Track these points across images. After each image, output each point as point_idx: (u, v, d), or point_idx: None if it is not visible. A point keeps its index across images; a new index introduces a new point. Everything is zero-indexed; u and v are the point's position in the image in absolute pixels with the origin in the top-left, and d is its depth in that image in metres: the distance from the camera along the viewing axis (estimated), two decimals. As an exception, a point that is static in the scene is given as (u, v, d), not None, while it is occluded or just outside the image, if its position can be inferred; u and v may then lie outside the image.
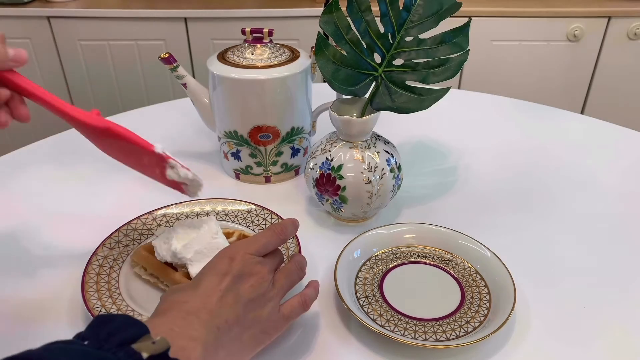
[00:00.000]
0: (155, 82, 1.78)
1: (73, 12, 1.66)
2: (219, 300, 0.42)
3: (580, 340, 0.51)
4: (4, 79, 0.46)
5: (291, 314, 0.46)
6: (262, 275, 0.44)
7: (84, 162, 0.80)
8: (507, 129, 0.93)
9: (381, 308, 0.54)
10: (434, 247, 0.61)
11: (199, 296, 0.41)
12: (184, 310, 0.40)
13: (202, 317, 0.40)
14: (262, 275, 0.44)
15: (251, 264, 0.44)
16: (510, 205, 0.72)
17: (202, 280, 0.43)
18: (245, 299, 0.43)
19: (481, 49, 1.69)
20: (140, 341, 0.33)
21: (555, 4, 1.67)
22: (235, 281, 0.43)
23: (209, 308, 0.41)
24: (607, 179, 0.78)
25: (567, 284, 0.58)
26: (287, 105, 0.71)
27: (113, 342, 0.33)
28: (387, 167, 0.62)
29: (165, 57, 0.71)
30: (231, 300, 0.42)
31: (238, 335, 0.42)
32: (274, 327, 0.45)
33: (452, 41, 0.59)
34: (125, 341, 0.33)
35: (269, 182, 0.77)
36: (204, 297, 0.41)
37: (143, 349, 0.33)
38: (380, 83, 0.61)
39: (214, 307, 0.41)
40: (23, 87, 0.47)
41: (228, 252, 0.45)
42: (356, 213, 0.64)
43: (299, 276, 0.49)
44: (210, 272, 0.44)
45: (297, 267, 0.49)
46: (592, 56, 1.70)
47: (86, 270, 0.56)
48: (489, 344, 0.50)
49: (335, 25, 0.60)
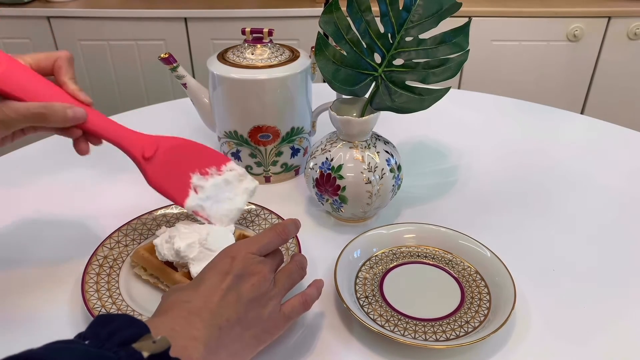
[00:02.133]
0: (155, 82, 1.78)
1: (73, 12, 1.66)
2: (221, 299, 0.42)
3: (580, 340, 0.51)
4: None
5: (292, 314, 0.46)
6: (264, 275, 0.44)
7: (84, 162, 0.80)
8: (507, 129, 0.93)
9: (381, 308, 0.54)
10: (434, 247, 0.61)
11: (200, 295, 0.42)
12: (186, 309, 0.40)
13: (204, 317, 0.40)
14: (263, 275, 0.44)
15: (252, 263, 0.44)
16: (510, 205, 0.72)
17: (204, 279, 0.43)
18: (247, 298, 0.43)
19: (481, 49, 1.69)
20: (141, 340, 0.34)
21: (555, 4, 1.67)
22: (236, 280, 0.43)
23: (210, 307, 0.41)
24: (607, 179, 0.78)
25: (567, 284, 0.58)
26: (287, 105, 0.71)
27: (114, 342, 0.33)
28: (387, 167, 0.62)
29: (165, 57, 0.71)
30: (233, 299, 0.42)
31: (239, 334, 0.42)
32: (275, 327, 0.45)
33: (452, 41, 0.59)
34: (126, 341, 0.33)
35: (269, 182, 0.77)
36: (206, 296, 0.41)
37: (144, 348, 0.33)
38: (380, 83, 0.61)
39: (216, 307, 0.41)
40: (88, 128, 0.51)
41: (229, 251, 0.45)
42: (356, 213, 0.64)
43: (300, 275, 0.49)
44: (212, 271, 0.44)
45: (298, 267, 0.49)
46: (592, 56, 1.70)
47: (86, 270, 0.56)
48: (489, 344, 0.50)
49: (335, 25, 0.60)
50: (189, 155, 0.56)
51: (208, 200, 0.56)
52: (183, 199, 0.55)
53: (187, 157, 0.56)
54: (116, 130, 0.52)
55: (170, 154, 0.55)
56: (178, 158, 0.55)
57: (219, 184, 0.57)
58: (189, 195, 0.55)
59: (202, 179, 0.56)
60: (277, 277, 0.47)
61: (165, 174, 0.54)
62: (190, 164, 0.56)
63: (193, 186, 0.56)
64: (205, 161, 0.57)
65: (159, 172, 0.54)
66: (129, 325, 0.35)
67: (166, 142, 0.55)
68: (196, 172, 0.56)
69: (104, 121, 0.52)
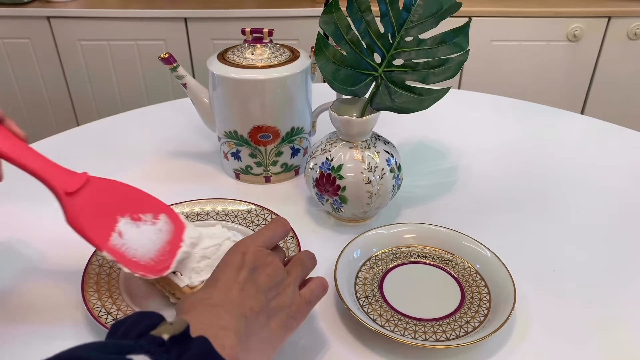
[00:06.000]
0: (155, 82, 1.78)
1: (73, 12, 1.66)
2: (240, 292, 0.42)
3: (580, 340, 0.51)
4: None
5: (312, 297, 0.46)
6: (277, 264, 0.45)
7: (84, 162, 0.80)
8: (507, 129, 0.93)
9: (381, 308, 0.54)
10: (434, 247, 0.61)
11: (219, 291, 0.42)
12: (208, 304, 0.40)
13: (228, 308, 0.40)
14: (276, 264, 0.45)
15: (263, 255, 0.45)
16: (510, 205, 0.72)
17: (219, 276, 0.43)
18: (265, 288, 0.43)
19: (481, 49, 1.69)
20: (158, 327, 0.33)
21: (555, 4, 1.67)
22: (251, 272, 0.43)
23: (232, 299, 0.41)
24: (607, 179, 0.78)
25: (567, 284, 0.58)
26: (287, 105, 0.71)
27: (131, 337, 0.33)
28: (387, 167, 0.62)
29: (165, 57, 0.71)
30: (252, 290, 0.42)
31: (266, 322, 0.42)
32: (298, 311, 0.44)
33: (452, 41, 0.59)
34: (143, 332, 0.33)
35: (269, 182, 0.77)
36: (225, 290, 0.42)
37: (162, 332, 0.33)
38: (380, 83, 0.61)
39: (237, 299, 0.41)
40: (8, 156, 0.48)
41: (238, 247, 0.46)
42: (356, 213, 0.64)
43: (312, 264, 0.49)
44: (226, 268, 0.44)
45: (308, 256, 0.49)
46: (592, 56, 1.70)
47: (86, 270, 0.56)
48: (489, 344, 0.50)
49: (335, 25, 0.60)
50: (123, 199, 0.52)
51: (130, 243, 0.50)
52: (104, 242, 0.49)
53: (119, 200, 0.52)
54: (39, 162, 0.49)
55: (99, 194, 0.50)
56: (108, 200, 0.51)
57: (148, 230, 0.52)
58: (110, 238, 0.49)
59: (132, 224, 0.51)
60: (289, 266, 0.47)
61: (89, 214, 0.49)
62: (121, 208, 0.51)
63: (117, 230, 0.50)
64: (140, 207, 0.52)
65: (80, 211, 0.49)
66: (142, 319, 0.34)
67: (97, 182, 0.51)
68: (126, 216, 0.51)
69: (28, 151, 0.49)
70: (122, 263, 0.49)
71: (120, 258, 0.49)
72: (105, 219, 0.50)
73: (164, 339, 0.32)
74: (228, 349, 0.36)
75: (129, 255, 0.50)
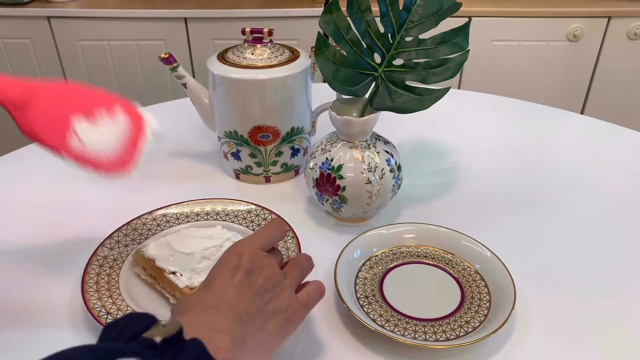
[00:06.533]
0: (155, 82, 1.78)
1: (73, 12, 1.66)
2: (236, 293, 0.41)
3: (580, 340, 0.51)
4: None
5: (309, 301, 0.46)
6: (273, 267, 0.44)
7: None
8: (507, 129, 0.93)
9: (381, 308, 0.54)
10: (434, 247, 0.61)
11: (214, 292, 0.41)
12: (204, 306, 0.40)
13: (223, 310, 0.40)
14: (273, 267, 0.44)
15: (259, 257, 0.44)
16: (510, 205, 0.72)
17: (215, 278, 0.43)
18: (262, 290, 0.43)
19: (481, 49, 1.69)
20: (150, 329, 0.33)
21: (555, 4, 1.67)
22: (247, 275, 0.43)
23: (228, 301, 0.40)
24: (607, 179, 0.78)
25: (567, 284, 0.58)
26: (287, 105, 0.71)
27: (123, 339, 0.32)
28: (387, 167, 0.62)
29: (165, 57, 0.71)
30: (248, 293, 0.42)
31: (262, 325, 0.41)
32: (295, 315, 0.44)
33: (452, 41, 0.59)
34: (135, 334, 0.33)
35: (269, 182, 0.77)
36: (220, 292, 0.41)
37: (155, 334, 0.32)
38: (380, 83, 0.61)
39: (233, 300, 0.41)
40: None
41: (235, 249, 0.45)
42: (356, 213, 0.64)
43: (309, 267, 0.49)
44: (221, 269, 0.43)
45: (305, 259, 0.49)
46: (592, 56, 1.70)
47: (86, 270, 0.56)
48: (489, 344, 0.50)
49: (335, 25, 0.60)
50: (72, 100, 0.51)
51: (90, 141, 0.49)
52: (62, 145, 0.48)
53: (69, 102, 0.50)
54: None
55: (48, 100, 0.49)
56: (57, 103, 0.50)
57: (107, 127, 0.51)
58: (69, 140, 0.48)
59: (88, 124, 0.50)
60: (286, 269, 0.47)
61: (42, 122, 0.48)
62: (72, 107, 0.50)
63: (73, 129, 0.49)
64: (92, 103, 0.51)
65: (33, 121, 0.48)
66: (134, 321, 0.34)
67: (43, 89, 0.49)
68: (79, 115, 0.50)
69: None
70: (85, 164, 0.48)
71: (83, 160, 0.48)
72: (60, 123, 0.49)
73: (156, 342, 0.32)
74: (223, 351, 0.36)
75: (92, 157, 0.49)
